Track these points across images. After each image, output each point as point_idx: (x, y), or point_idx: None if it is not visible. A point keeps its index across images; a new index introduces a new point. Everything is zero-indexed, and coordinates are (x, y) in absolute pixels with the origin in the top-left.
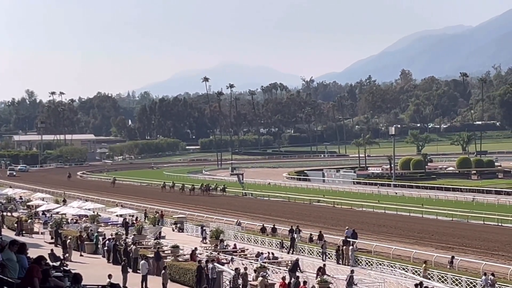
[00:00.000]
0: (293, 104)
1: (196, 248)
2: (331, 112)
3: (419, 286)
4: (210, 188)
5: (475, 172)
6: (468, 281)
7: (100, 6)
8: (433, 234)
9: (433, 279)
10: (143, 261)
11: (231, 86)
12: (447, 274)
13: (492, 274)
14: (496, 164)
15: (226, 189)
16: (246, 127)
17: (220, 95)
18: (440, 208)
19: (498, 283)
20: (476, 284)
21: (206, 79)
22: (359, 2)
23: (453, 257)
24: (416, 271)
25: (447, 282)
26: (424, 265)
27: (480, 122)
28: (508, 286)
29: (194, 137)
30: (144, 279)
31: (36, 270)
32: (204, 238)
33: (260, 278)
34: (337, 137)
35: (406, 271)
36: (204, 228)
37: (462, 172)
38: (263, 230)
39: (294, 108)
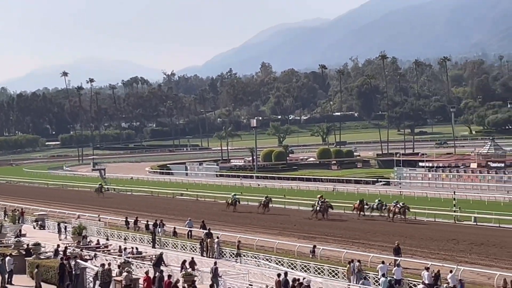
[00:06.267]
0: (155, 98)
1: (59, 245)
2: (193, 106)
3: (282, 276)
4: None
5: (335, 162)
6: (330, 269)
7: None
8: (296, 224)
9: (296, 269)
10: (8, 258)
11: (91, 80)
12: (309, 263)
13: (358, 261)
14: (355, 154)
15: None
16: (107, 121)
17: (80, 90)
18: (302, 198)
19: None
20: (338, 272)
21: (65, 74)
22: None
23: (315, 246)
24: (279, 261)
25: (310, 271)
26: None
27: (339, 113)
28: (369, 273)
29: (54, 132)
30: (9, 275)
31: None
32: (62, 234)
33: (124, 274)
34: (200, 131)
35: (269, 262)
36: (66, 224)
37: (323, 163)
38: (127, 222)
39: (156, 102)
